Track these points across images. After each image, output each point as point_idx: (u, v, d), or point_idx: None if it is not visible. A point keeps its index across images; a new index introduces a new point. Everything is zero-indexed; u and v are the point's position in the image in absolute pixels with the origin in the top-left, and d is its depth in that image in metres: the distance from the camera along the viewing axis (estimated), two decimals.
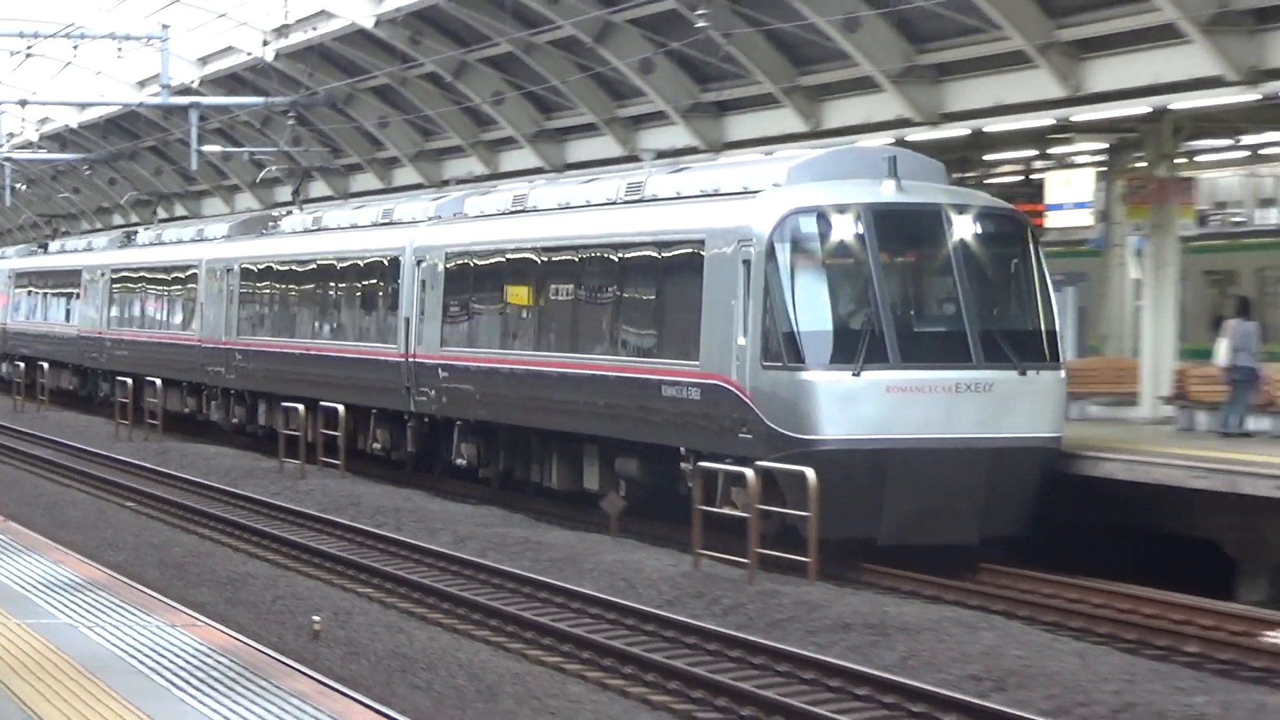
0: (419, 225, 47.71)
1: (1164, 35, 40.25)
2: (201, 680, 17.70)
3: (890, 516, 28.25)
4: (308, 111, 73.50)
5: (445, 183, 73.75)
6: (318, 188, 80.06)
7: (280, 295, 59.33)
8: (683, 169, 39.33)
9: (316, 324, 55.30)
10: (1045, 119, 46.80)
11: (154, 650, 19.34)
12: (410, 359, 46.34)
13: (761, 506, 33.17)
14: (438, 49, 65.35)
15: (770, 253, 29.37)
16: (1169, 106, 43.00)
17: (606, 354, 38.54)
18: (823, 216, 29.87)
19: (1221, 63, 37.37)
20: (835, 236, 30.12)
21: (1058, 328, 30.73)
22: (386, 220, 52.39)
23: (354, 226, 55.72)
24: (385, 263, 48.91)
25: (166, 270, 71.01)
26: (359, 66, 71.76)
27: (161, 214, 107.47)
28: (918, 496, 27.48)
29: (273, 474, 58.37)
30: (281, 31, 67.01)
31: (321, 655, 27.15)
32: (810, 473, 31.83)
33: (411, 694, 25.22)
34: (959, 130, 45.75)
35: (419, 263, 46.26)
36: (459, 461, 45.52)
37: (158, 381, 71.22)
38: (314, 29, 63.93)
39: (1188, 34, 37.67)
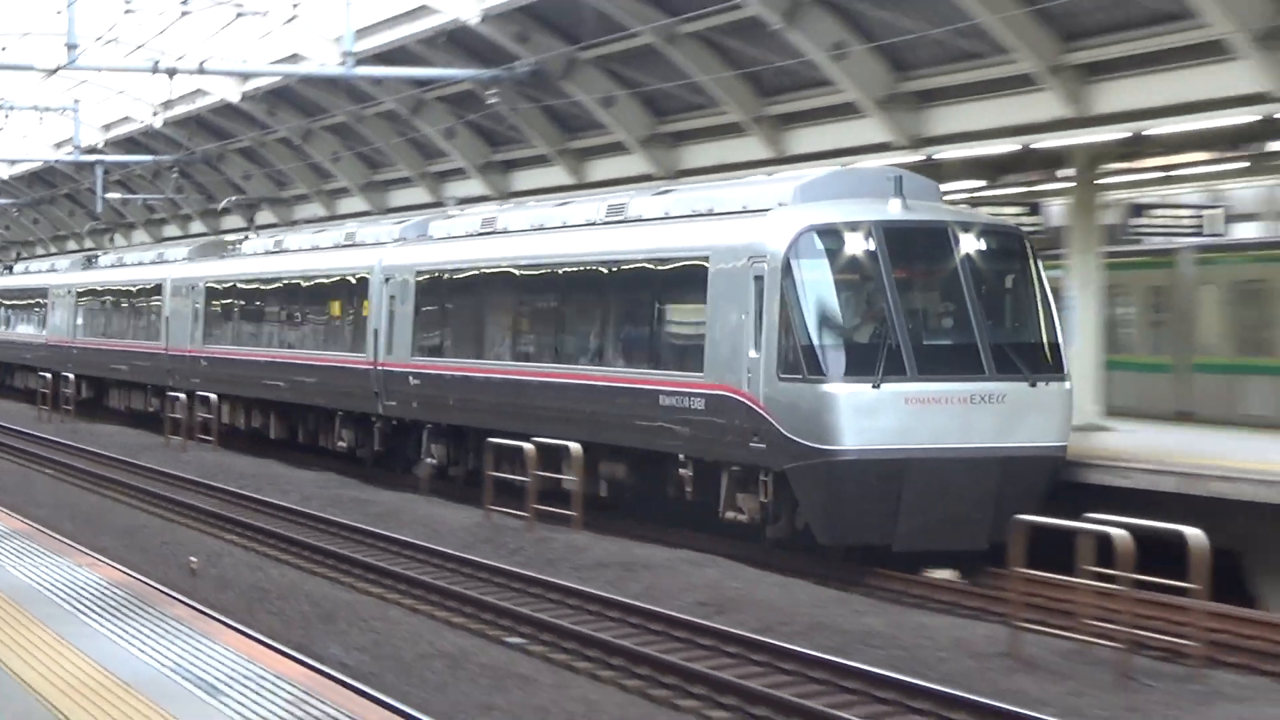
0: (386, 246, 41.97)
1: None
2: (103, 608, 18.08)
3: (905, 523, 24.50)
4: (249, 152, 71.01)
5: (344, 216, 67.05)
6: (263, 215, 77.22)
7: (248, 309, 52.96)
8: (666, 191, 34.88)
9: (285, 335, 49.09)
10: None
11: (66, 585, 19.71)
12: (379, 367, 40.45)
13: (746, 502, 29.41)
14: (289, 119, 66.69)
15: (786, 269, 25.41)
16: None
17: (597, 364, 33.59)
18: (837, 234, 25.83)
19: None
20: (849, 253, 25.91)
21: (1061, 340, 26.99)
22: (350, 242, 46.15)
23: (316, 248, 49.91)
24: (354, 280, 42.43)
25: (132, 288, 64.20)
26: (228, 131, 70.90)
27: (72, 246, 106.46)
28: (933, 504, 24.18)
29: (160, 447, 57.99)
30: (167, 105, 64.56)
31: (197, 588, 27.33)
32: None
33: (268, 618, 25.44)
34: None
35: (387, 280, 40.30)
36: (429, 461, 39.51)
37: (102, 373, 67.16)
38: (193, 103, 62.76)
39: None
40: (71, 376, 65.56)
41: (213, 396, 58.99)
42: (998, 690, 19.94)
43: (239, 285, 53.42)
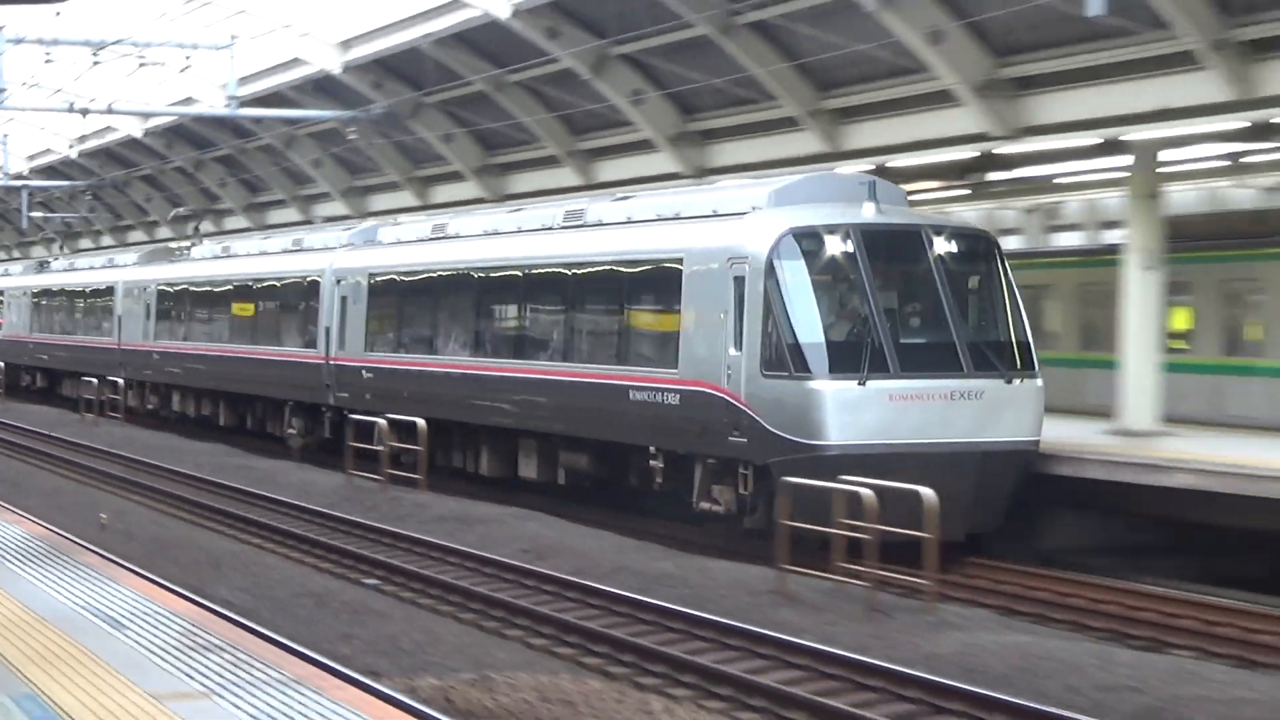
0: (336, 250, 39.04)
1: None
2: (26, 557, 18.53)
3: (888, 517, 21.45)
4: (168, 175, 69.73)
5: (276, 225, 63.91)
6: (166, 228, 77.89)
7: (200, 308, 49.03)
8: (626, 197, 31.79)
9: (236, 331, 45.24)
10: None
11: None
12: (330, 361, 37.66)
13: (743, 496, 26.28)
14: (184, 151, 65.74)
15: (769, 270, 23.40)
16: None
17: (561, 361, 30.58)
18: (818, 236, 23.79)
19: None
20: (830, 255, 23.86)
21: (1030, 339, 24.81)
22: (299, 247, 42.75)
23: (264, 253, 46.22)
24: (305, 283, 39.41)
25: (85, 289, 61.73)
26: (133, 161, 70.65)
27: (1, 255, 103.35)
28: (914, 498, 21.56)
29: (75, 423, 56.83)
30: (82, 139, 66.49)
31: (106, 541, 26.84)
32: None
33: (165, 564, 24.97)
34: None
35: (339, 281, 37.55)
36: (379, 448, 35.05)
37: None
38: (103, 138, 63.85)
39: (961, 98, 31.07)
40: (9, 366, 64.40)
41: (120, 380, 58.08)
42: (767, 620, 20.46)
43: (190, 287, 49.91)
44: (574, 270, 30.20)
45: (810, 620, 20.69)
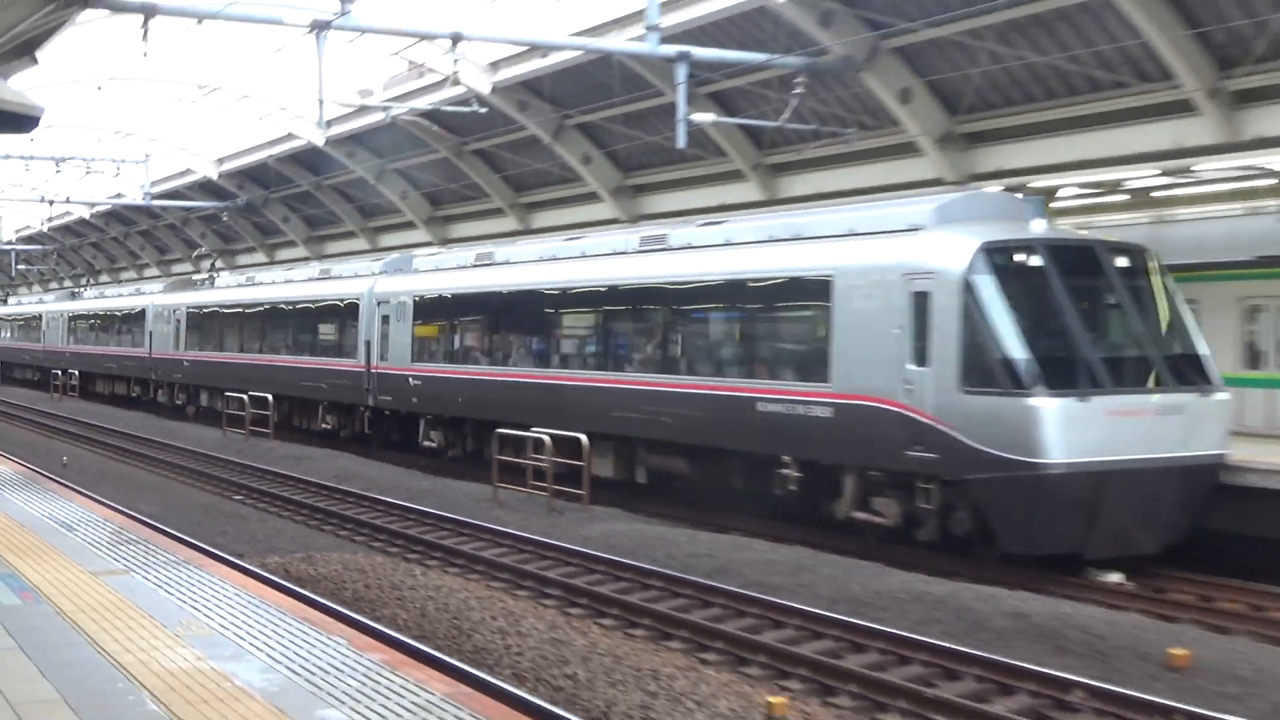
0: (372, 277, 32.49)
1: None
2: (11, 486, 18.38)
3: (1100, 532, 17.30)
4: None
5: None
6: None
7: (232, 325, 41.27)
8: (715, 222, 24.05)
9: (270, 344, 38.40)
10: None
11: None
12: (371, 370, 31.53)
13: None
14: (117, 227, 66.35)
15: (967, 286, 17.80)
16: None
17: (663, 372, 22.91)
18: (1011, 252, 18.41)
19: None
20: (1028, 271, 18.36)
21: (1209, 351, 18.94)
22: (327, 275, 36.18)
23: (290, 281, 39.10)
24: (343, 304, 33.01)
25: (119, 311, 53.25)
26: (82, 234, 72.84)
27: None
28: (1124, 513, 17.20)
29: (46, 400, 54.31)
30: (49, 219, 67.83)
31: (66, 475, 26.27)
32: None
33: (106, 490, 24.31)
34: None
35: (379, 303, 31.29)
36: (427, 444, 29.66)
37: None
38: (65, 219, 68.11)
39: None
40: (60, 371, 57.07)
41: (65, 371, 56.53)
42: (487, 517, 21.07)
43: (221, 309, 42.43)
44: (684, 288, 23.08)
45: (514, 517, 21.04)
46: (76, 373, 56.35)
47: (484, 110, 31.86)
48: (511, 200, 39.53)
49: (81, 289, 72.95)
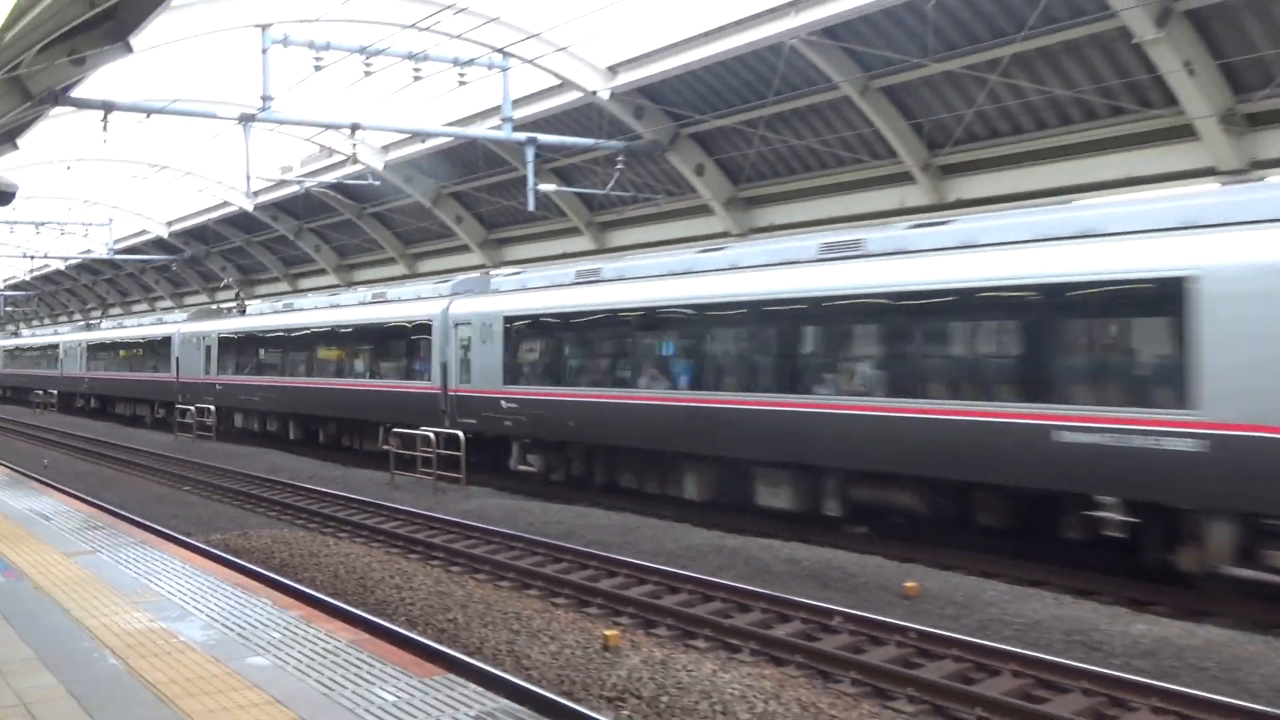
0: (445, 299, 24.72)
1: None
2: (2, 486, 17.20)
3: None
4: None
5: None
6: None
7: (272, 350, 33.04)
8: (936, 223, 15.07)
9: (318, 368, 29.59)
10: None
11: None
12: (449, 392, 23.40)
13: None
14: (86, 277, 63.61)
15: None
16: None
17: (873, 396, 14.82)
18: None
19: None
20: None
21: None
22: (381, 299, 28.05)
23: (335, 306, 30.24)
24: (412, 326, 25.13)
25: (143, 340, 43.74)
26: (58, 281, 65.33)
27: None
28: None
29: (31, 415, 50.93)
30: (30, 272, 62.52)
31: (47, 474, 25.06)
32: None
33: (77, 485, 23.19)
34: None
35: (456, 325, 23.25)
36: (521, 468, 21.93)
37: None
38: (43, 270, 63.63)
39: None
40: (79, 394, 50.89)
41: (47, 391, 54.23)
42: (386, 497, 20.61)
43: (258, 333, 33.95)
44: (915, 301, 14.47)
45: (407, 497, 20.74)
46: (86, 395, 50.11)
47: (378, 183, 31.86)
48: (401, 251, 39.06)
49: (96, 321, 61.46)
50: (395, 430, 23.88)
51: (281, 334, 33.30)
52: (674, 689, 9.09)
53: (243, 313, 38.83)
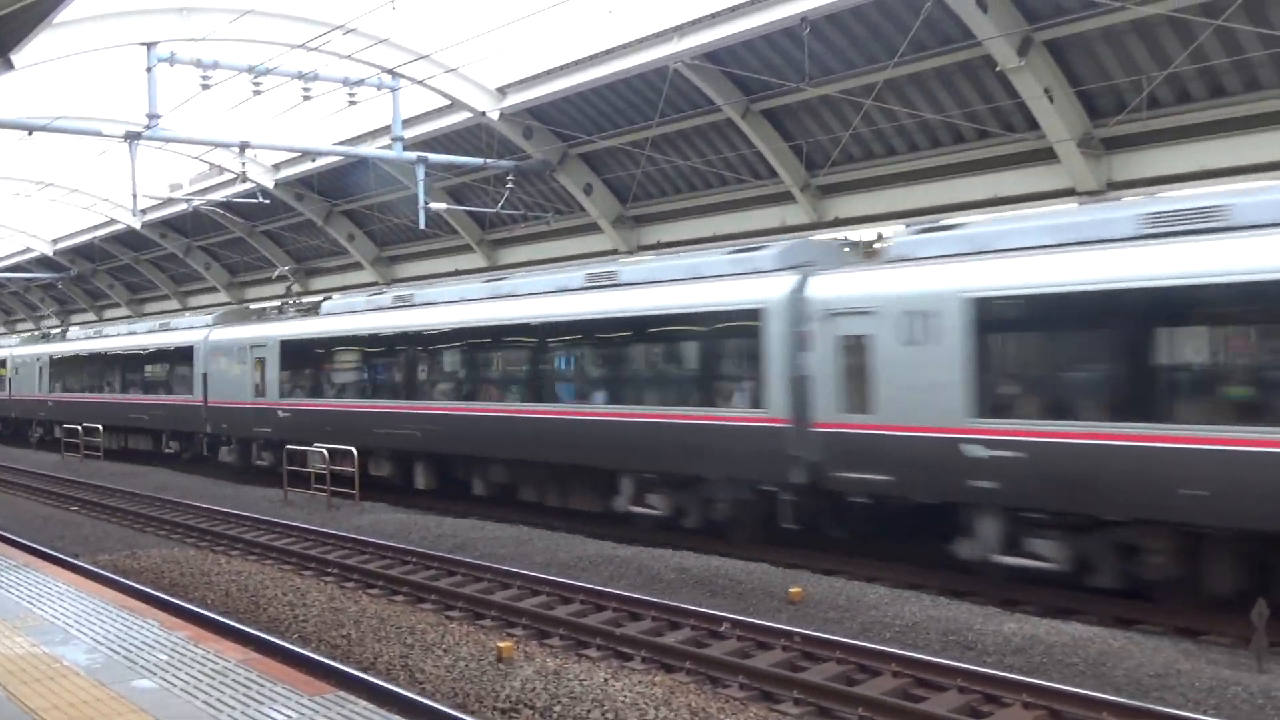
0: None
1: None
2: None
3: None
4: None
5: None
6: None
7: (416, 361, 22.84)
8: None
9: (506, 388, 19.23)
10: None
11: None
12: (809, 427, 13.92)
13: None
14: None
15: None
16: None
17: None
18: None
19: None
20: None
21: None
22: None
23: (563, 290, 19.05)
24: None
25: (147, 351, 31.51)
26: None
27: None
28: None
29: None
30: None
31: None
32: None
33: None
34: None
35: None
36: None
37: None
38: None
39: None
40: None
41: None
42: (279, 514, 20.26)
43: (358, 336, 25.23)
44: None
45: (300, 513, 20.42)
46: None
47: (268, 201, 31.20)
48: (294, 268, 38.30)
49: (57, 331, 47.92)
50: (288, 448, 23.33)
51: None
52: (567, 698, 9.02)
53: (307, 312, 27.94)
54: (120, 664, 7.32)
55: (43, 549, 16.48)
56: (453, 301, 21.16)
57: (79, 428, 33.51)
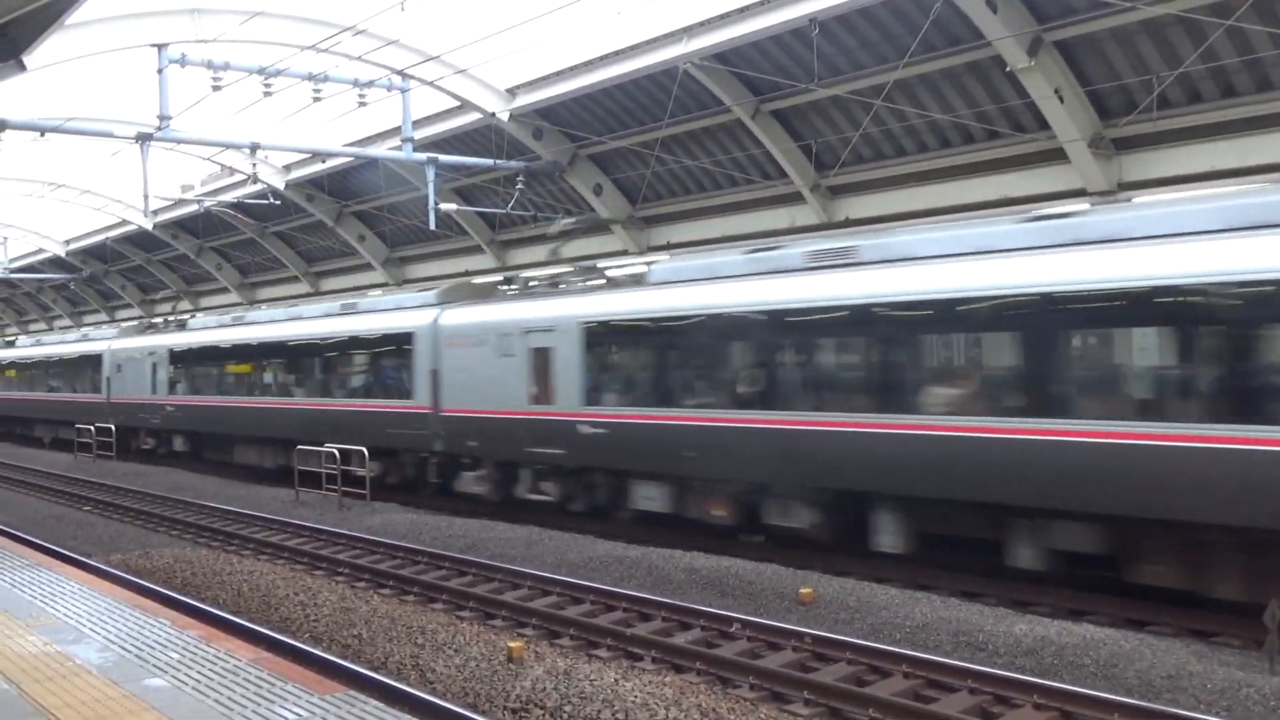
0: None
1: None
2: None
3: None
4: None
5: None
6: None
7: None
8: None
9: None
10: None
11: None
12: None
13: None
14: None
15: None
16: None
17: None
18: None
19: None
20: None
21: None
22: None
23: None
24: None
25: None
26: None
27: None
28: None
29: None
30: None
31: None
32: None
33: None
34: None
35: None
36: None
37: None
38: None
39: None
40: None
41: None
42: (290, 514, 20.33)
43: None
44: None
45: (312, 513, 20.44)
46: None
47: (279, 202, 31.25)
48: (304, 270, 38.38)
49: (170, 317, 40.08)
50: (299, 448, 23.36)
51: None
52: (577, 698, 9.01)
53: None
54: (132, 663, 7.33)
55: (56, 548, 16.54)
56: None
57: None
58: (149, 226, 39.24)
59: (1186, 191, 16.18)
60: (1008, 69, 17.48)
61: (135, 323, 38.18)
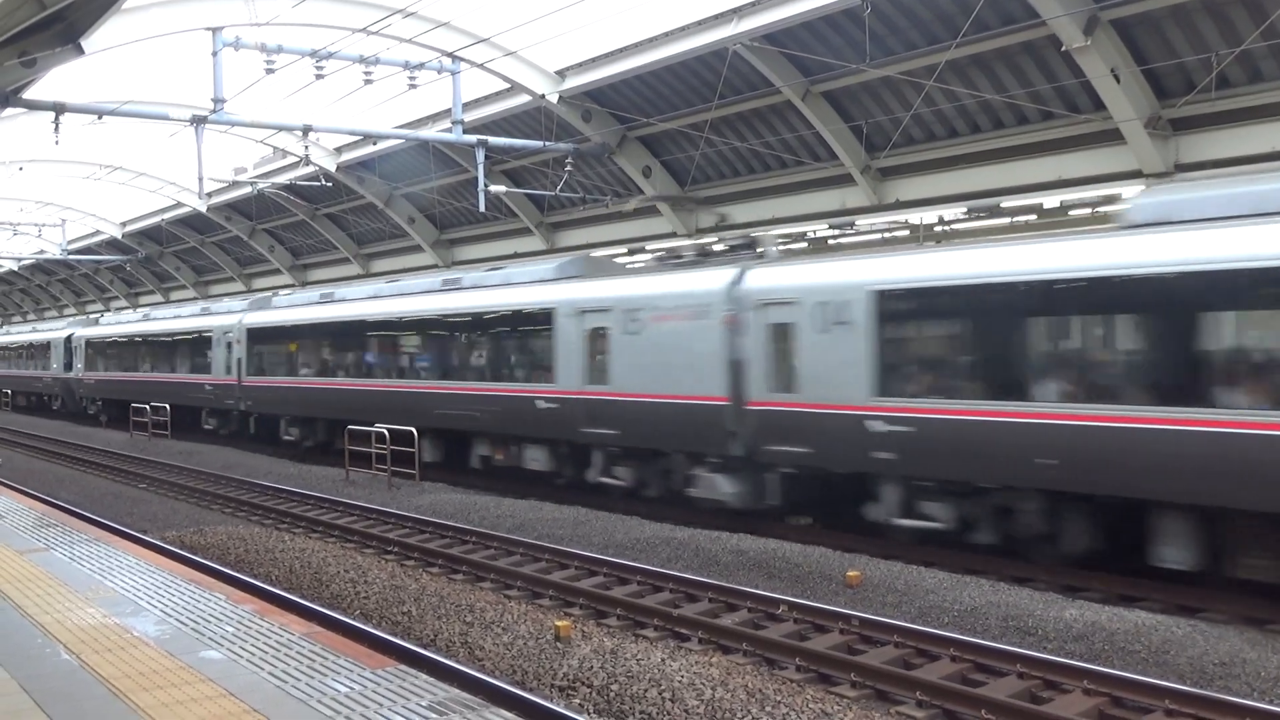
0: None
1: None
2: None
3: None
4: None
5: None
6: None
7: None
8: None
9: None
10: None
11: None
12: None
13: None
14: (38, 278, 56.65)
15: None
16: None
17: None
18: None
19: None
20: None
21: None
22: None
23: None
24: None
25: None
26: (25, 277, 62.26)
27: None
28: None
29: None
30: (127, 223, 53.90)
31: (2, 473, 23.36)
32: None
33: (33, 483, 22.16)
34: None
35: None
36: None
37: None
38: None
39: None
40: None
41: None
42: (341, 493, 20.38)
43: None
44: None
45: (362, 492, 20.48)
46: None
47: (330, 184, 31.53)
48: (355, 251, 38.79)
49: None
50: (349, 428, 23.55)
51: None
52: (624, 677, 9.06)
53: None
54: (189, 635, 7.47)
55: (113, 524, 16.84)
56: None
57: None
58: (203, 209, 39.80)
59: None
60: (1063, 48, 17.27)
61: (267, 294, 33.26)
